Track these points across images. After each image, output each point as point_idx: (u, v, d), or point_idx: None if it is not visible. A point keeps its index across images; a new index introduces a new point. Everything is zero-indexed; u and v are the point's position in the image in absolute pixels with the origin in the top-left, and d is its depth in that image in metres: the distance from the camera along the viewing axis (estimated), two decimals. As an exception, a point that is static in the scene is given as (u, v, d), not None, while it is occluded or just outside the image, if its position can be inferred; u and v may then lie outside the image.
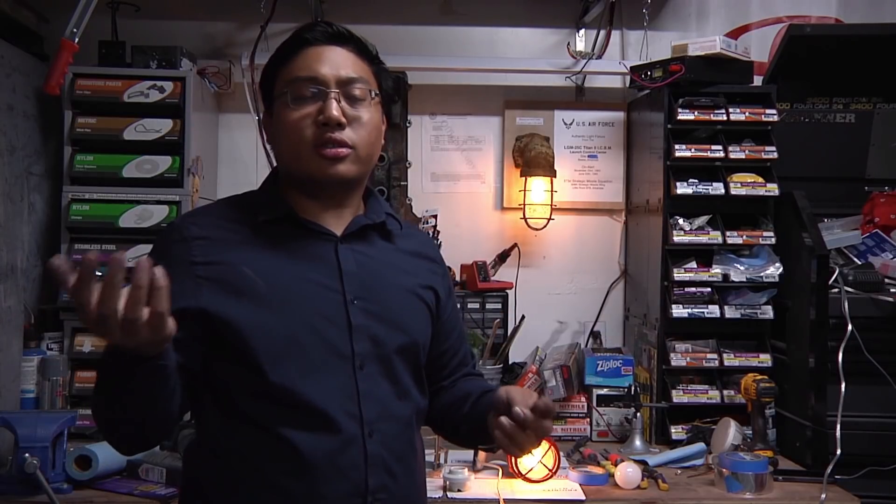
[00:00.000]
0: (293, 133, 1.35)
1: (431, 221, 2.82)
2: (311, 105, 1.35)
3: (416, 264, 1.49)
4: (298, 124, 1.35)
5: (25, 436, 1.97)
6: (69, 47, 2.32)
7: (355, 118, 1.36)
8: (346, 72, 1.37)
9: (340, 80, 1.36)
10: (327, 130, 1.34)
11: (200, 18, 2.95)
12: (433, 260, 1.54)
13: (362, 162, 1.39)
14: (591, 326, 3.00)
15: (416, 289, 1.46)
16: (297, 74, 1.36)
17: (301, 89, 1.36)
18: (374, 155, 1.43)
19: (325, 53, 1.37)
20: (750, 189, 2.55)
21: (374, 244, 1.44)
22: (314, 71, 1.36)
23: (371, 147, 1.40)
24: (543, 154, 2.90)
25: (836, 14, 3.05)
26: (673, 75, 2.56)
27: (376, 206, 1.48)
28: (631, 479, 2.11)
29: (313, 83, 1.35)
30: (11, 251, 2.42)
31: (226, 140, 2.97)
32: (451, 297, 1.56)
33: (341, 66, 1.37)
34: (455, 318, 1.58)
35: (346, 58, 1.38)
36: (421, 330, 1.45)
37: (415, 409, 1.42)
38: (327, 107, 1.34)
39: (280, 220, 1.38)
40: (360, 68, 1.39)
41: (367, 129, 1.38)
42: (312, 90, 1.35)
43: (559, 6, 3.00)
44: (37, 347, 2.46)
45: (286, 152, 1.39)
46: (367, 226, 1.43)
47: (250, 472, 1.30)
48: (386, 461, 1.34)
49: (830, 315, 2.29)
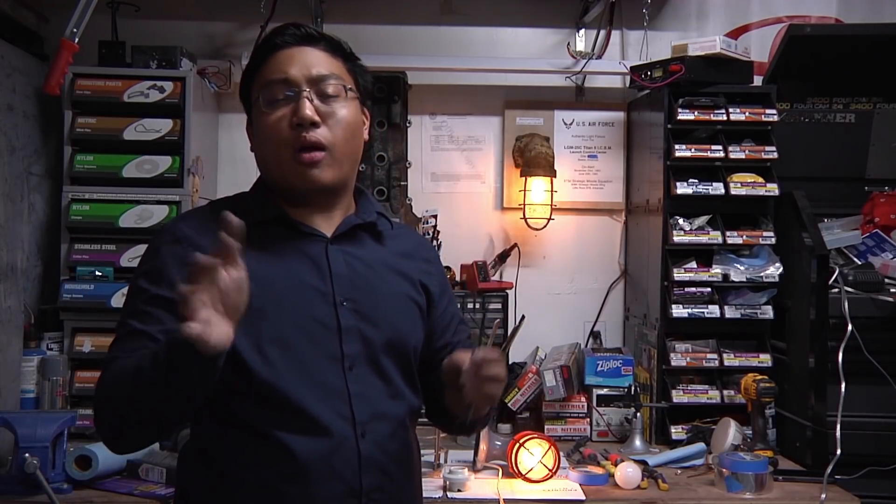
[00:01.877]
0: (270, 137, 1.37)
1: (431, 221, 2.82)
2: (284, 108, 1.36)
3: (406, 264, 1.48)
4: (274, 128, 1.36)
5: (25, 436, 1.97)
6: (69, 47, 2.32)
7: (329, 114, 1.37)
8: (318, 70, 1.37)
9: (311, 78, 1.36)
10: (302, 131, 1.34)
11: (200, 18, 2.95)
12: (425, 258, 1.54)
13: (340, 162, 1.39)
14: (591, 326, 3.00)
15: (407, 289, 1.46)
16: (269, 78, 1.38)
17: (273, 92, 1.37)
18: (353, 153, 1.43)
19: (295, 55, 1.38)
20: (750, 189, 2.55)
21: (364, 245, 1.44)
22: (284, 73, 1.36)
23: (348, 144, 1.40)
24: (543, 154, 2.90)
25: (836, 14, 3.05)
26: (673, 75, 2.56)
27: (367, 205, 1.48)
28: (631, 479, 2.11)
29: (285, 85, 1.36)
30: (11, 251, 2.42)
31: (226, 140, 2.97)
32: (445, 294, 1.55)
33: (312, 65, 1.37)
34: (451, 314, 1.57)
35: (317, 56, 1.39)
36: (411, 330, 1.45)
37: (408, 409, 1.42)
38: (300, 106, 1.34)
39: (270, 222, 1.39)
40: (332, 65, 1.40)
41: (342, 126, 1.38)
42: (286, 93, 1.36)
43: (559, 6, 3.00)
44: (37, 347, 2.46)
45: (266, 159, 1.40)
46: (358, 226, 1.44)
47: (244, 475, 1.30)
48: (380, 461, 1.34)
49: (830, 315, 2.29)
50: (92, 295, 2.45)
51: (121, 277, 2.48)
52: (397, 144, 2.92)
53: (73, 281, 2.48)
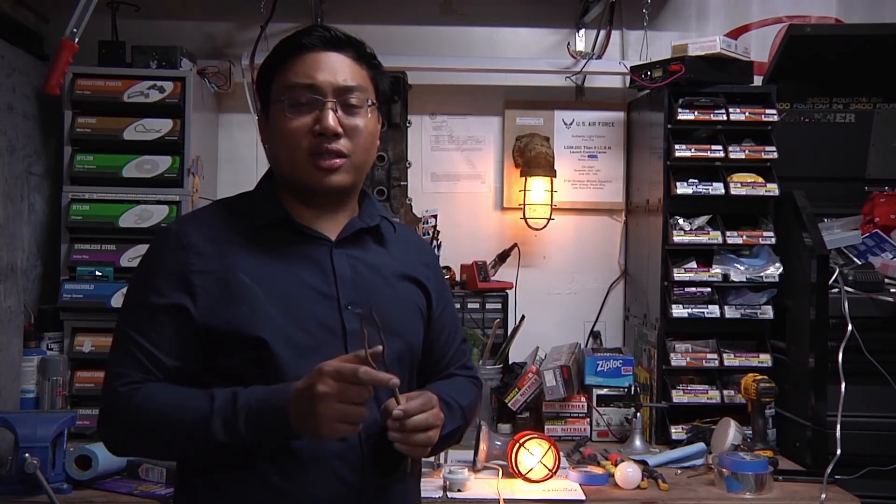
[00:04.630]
0: (290, 142, 1.36)
1: (431, 221, 2.82)
2: (307, 114, 1.36)
3: (408, 267, 1.49)
4: (295, 134, 1.36)
5: (25, 436, 1.97)
6: (69, 47, 2.32)
7: (352, 128, 1.37)
8: (344, 79, 1.37)
9: (337, 88, 1.36)
10: (323, 141, 1.35)
11: (200, 18, 2.95)
12: (425, 263, 1.54)
13: (357, 170, 1.40)
14: (591, 326, 3.00)
15: (410, 293, 1.47)
16: (294, 81, 1.37)
17: (298, 96, 1.36)
18: (369, 161, 1.44)
19: (322, 60, 1.37)
20: (750, 189, 2.55)
21: (367, 248, 1.45)
22: (311, 78, 1.36)
23: (366, 154, 1.41)
24: (543, 154, 2.90)
25: (836, 14, 3.05)
26: (673, 75, 2.56)
27: (370, 209, 1.49)
28: (631, 479, 2.11)
29: (310, 91, 1.36)
30: (11, 251, 2.42)
31: (226, 140, 2.97)
32: (442, 298, 1.55)
33: (338, 73, 1.37)
34: (447, 319, 1.57)
35: (344, 64, 1.38)
36: (414, 332, 1.45)
37: None
38: (324, 118, 1.34)
39: (276, 225, 1.39)
40: (358, 75, 1.39)
41: (362, 138, 1.39)
42: (309, 98, 1.36)
43: (559, 6, 3.00)
44: (37, 347, 2.46)
45: (282, 159, 1.40)
46: (362, 230, 1.44)
47: (244, 474, 1.31)
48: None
49: (830, 315, 2.29)
50: (92, 295, 2.45)
51: (121, 277, 2.48)
52: (397, 144, 2.92)
53: (73, 281, 2.47)
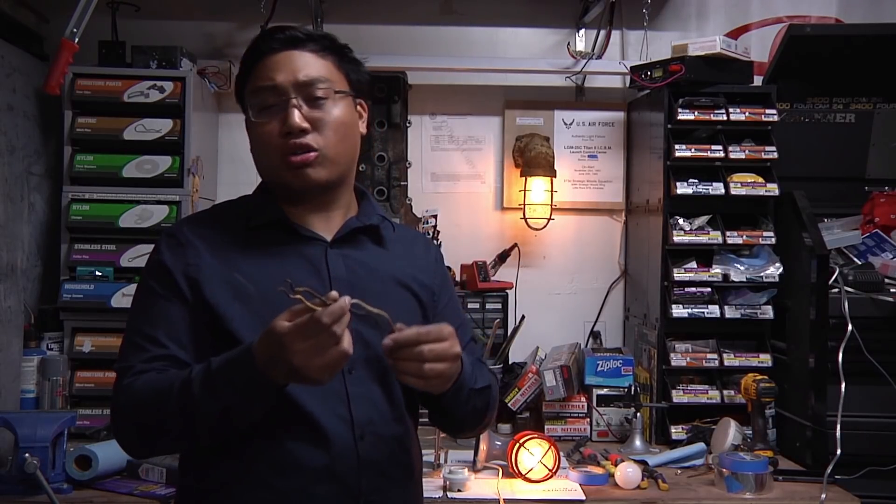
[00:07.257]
0: (263, 146, 1.39)
1: (431, 221, 2.82)
2: (274, 117, 1.37)
3: (409, 267, 1.48)
4: (266, 137, 1.37)
5: (25, 436, 1.97)
6: (69, 47, 2.32)
7: (318, 119, 1.37)
8: (305, 74, 1.37)
9: (298, 84, 1.37)
10: (292, 138, 1.35)
11: (200, 18, 2.95)
12: (427, 261, 1.54)
13: (333, 162, 1.39)
14: (591, 326, 3.00)
15: (408, 292, 1.46)
16: (258, 85, 1.39)
17: (262, 99, 1.38)
18: (348, 151, 1.43)
19: (281, 60, 1.38)
20: (750, 189, 2.55)
21: (364, 248, 1.45)
22: (272, 80, 1.37)
23: (340, 145, 1.40)
24: (543, 154, 2.90)
25: (836, 14, 3.05)
26: (673, 75, 2.56)
27: (368, 208, 1.48)
28: (631, 479, 2.11)
29: (273, 92, 1.37)
30: (11, 251, 2.42)
31: (226, 140, 2.97)
32: (445, 292, 1.55)
33: (298, 69, 1.37)
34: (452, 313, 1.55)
35: (303, 59, 1.39)
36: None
37: (408, 411, 1.42)
38: (288, 115, 1.35)
39: (270, 226, 1.40)
40: (320, 67, 1.39)
41: (332, 129, 1.38)
42: (275, 99, 1.37)
43: (559, 6, 3.00)
44: (37, 347, 2.46)
45: (261, 164, 1.42)
46: (358, 229, 1.44)
47: (243, 474, 1.31)
48: (379, 463, 1.34)
49: (830, 315, 2.29)
50: (92, 295, 2.45)
51: (121, 277, 2.49)
52: (397, 144, 2.92)
53: (73, 281, 2.48)
